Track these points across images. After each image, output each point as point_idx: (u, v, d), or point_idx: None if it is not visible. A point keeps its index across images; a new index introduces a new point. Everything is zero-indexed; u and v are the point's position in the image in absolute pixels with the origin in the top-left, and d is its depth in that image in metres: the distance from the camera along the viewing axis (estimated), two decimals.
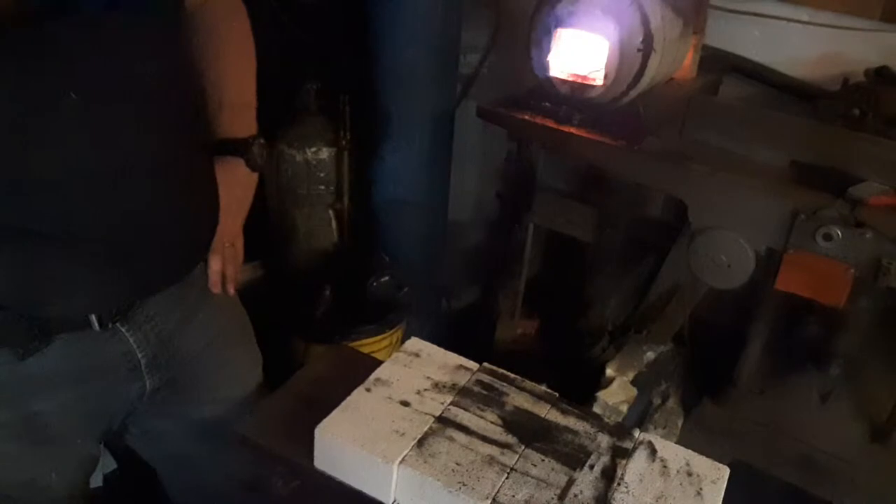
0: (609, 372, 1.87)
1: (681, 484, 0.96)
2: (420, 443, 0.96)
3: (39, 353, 0.96)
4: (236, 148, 1.15)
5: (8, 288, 0.91)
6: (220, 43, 1.13)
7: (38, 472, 1.07)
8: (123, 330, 1.04)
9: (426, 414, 1.01)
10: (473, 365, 1.12)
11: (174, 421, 1.21)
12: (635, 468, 0.98)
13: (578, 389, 1.78)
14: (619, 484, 0.95)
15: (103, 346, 1.03)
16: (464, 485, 0.91)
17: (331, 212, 2.11)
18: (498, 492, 0.91)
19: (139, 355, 1.07)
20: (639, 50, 1.58)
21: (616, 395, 1.81)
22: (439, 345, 1.16)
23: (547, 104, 1.74)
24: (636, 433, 1.04)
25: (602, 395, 1.80)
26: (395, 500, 0.96)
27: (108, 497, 1.82)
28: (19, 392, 0.99)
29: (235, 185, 1.15)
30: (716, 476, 0.98)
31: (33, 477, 1.07)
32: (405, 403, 1.02)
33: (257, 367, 1.32)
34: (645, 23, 1.56)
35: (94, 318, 0.99)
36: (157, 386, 1.12)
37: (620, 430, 1.03)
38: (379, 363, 1.11)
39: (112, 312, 1.01)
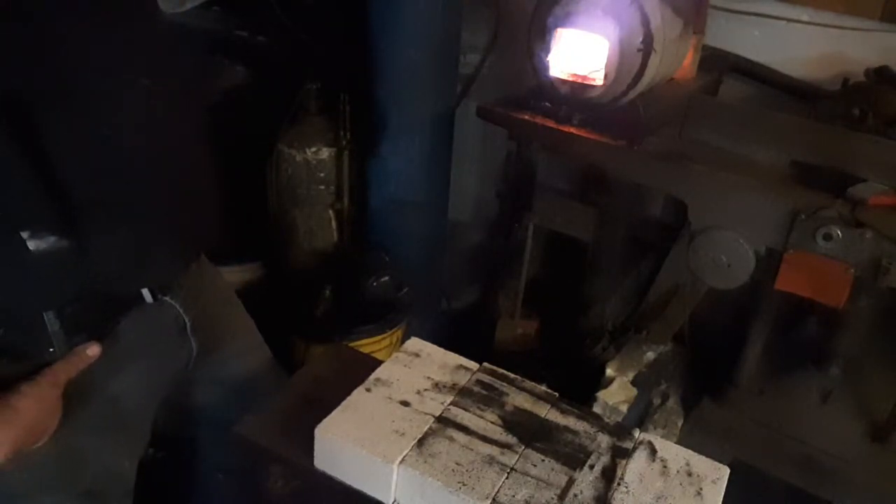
0: (609, 372, 1.87)
1: (681, 484, 0.96)
2: (420, 443, 0.96)
3: (110, 334, 1.03)
4: None
5: (111, 263, 0.97)
6: None
7: (116, 462, 1.11)
8: (168, 298, 1.11)
9: (426, 414, 1.01)
10: (473, 365, 1.12)
11: (206, 385, 1.28)
12: (635, 468, 0.98)
13: (578, 389, 1.78)
14: (619, 484, 0.95)
15: (157, 316, 1.10)
16: (464, 485, 0.91)
17: (331, 212, 2.11)
18: (498, 492, 0.91)
19: (185, 317, 1.14)
20: (639, 50, 1.58)
21: (616, 395, 1.81)
22: (439, 345, 1.16)
23: (547, 104, 1.74)
24: (636, 433, 1.03)
25: (602, 395, 1.80)
26: (395, 500, 0.96)
27: None
28: (99, 376, 1.02)
29: None
30: (716, 476, 0.98)
31: (114, 468, 1.11)
32: (405, 403, 1.02)
33: (252, 322, 1.40)
34: (645, 23, 1.56)
35: (146, 291, 1.06)
36: (199, 350, 1.19)
37: (620, 430, 1.03)
38: (379, 363, 1.11)
39: (161, 285, 1.09)
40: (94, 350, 0.97)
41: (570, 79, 1.69)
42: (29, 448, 0.93)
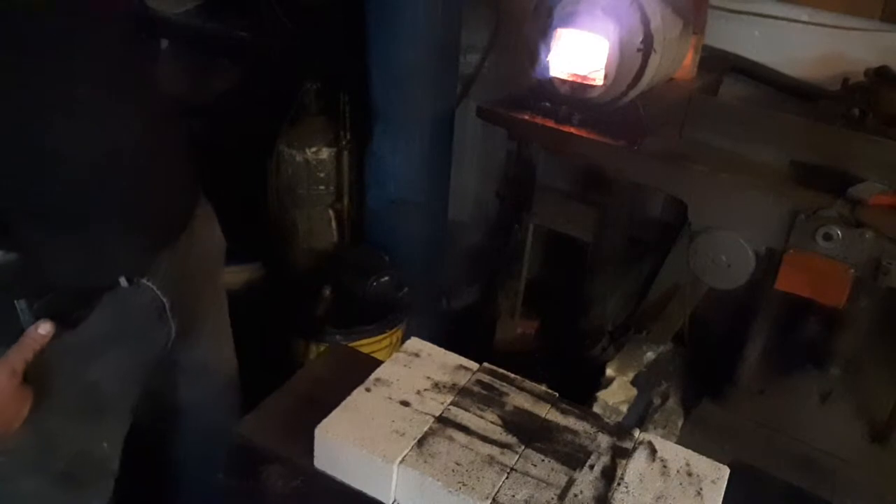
0: (609, 372, 1.87)
1: (681, 484, 0.96)
2: (420, 443, 0.96)
3: (85, 321, 1.02)
4: None
5: (66, 266, 0.98)
6: None
7: (94, 446, 1.11)
8: (145, 281, 1.11)
9: (426, 414, 1.01)
10: (473, 365, 1.12)
11: (177, 370, 1.28)
12: (635, 468, 0.98)
13: (578, 389, 1.78)
14: (619, 484, 0.95)
15: (134, 300, 1.10)
16: (464, 485, 0.91)
17: (331, 212, 2.11)
18: (498, 492, 0.91)
19: (163, 299, 1.13)
20: (639, 50, 1.58)
21: (616, 395, 1.81)
22: (439, 345, 1.16)
23: (547, 104, 1.74)
24: (636, 433, 1.03)
25: (602, 395, 1.80)
26: (395, 500, 0.96)
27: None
28: (77, 362, 1.03)
29: None
30: (716, 476, 0.98)
31: (91, 450, 1.11)
32: (405, 403, 1.02)
33: (226, 307, 1.41)
34: (645, 23, 1.56)
35: (122, 277, 1.06)
36: (178, 331, 1.19)
37: (620, 430, 1.03)
38: (379, 363, 1.11)
39: (136, 270, 1.09)
40: (45, 328, 0.95)
41: (570, 79, 1.69)
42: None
